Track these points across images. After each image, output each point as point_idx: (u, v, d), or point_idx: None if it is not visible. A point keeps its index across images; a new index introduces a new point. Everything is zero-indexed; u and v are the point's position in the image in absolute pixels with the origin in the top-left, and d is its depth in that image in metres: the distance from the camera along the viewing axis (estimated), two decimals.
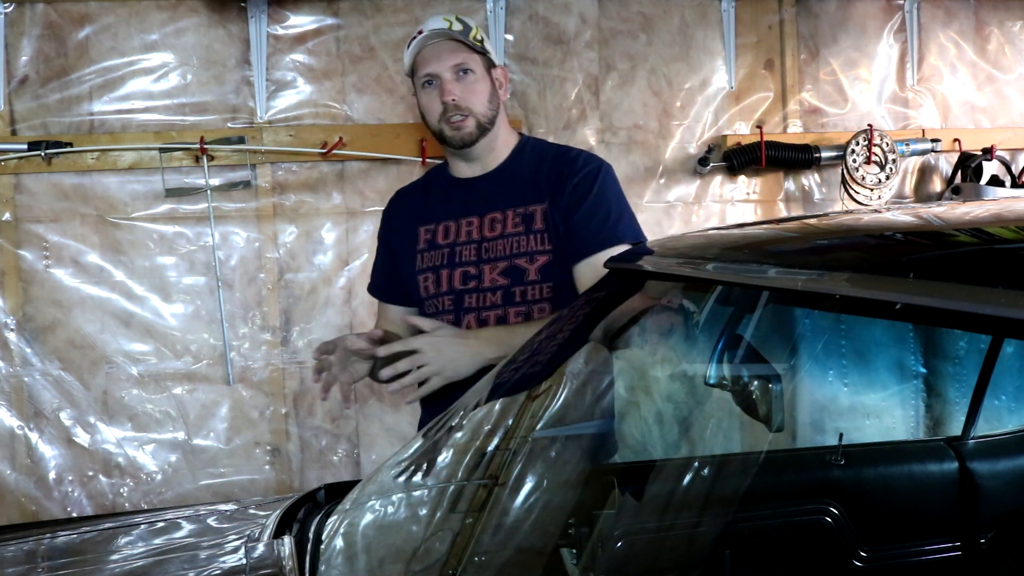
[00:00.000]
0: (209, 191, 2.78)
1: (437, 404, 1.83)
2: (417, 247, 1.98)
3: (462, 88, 1.91)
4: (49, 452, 2.78)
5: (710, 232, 1.64)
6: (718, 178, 3.15)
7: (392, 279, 2.07)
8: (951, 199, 3.16)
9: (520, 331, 1.78)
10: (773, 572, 1.73)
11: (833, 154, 3.12)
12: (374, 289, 2.14)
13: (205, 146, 2.74)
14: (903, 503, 1.89)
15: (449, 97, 1.89)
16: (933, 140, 3.20)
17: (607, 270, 1.65)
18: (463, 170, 2.00)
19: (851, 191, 3.14)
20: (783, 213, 3.19)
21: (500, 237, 1.91)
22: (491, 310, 1.89)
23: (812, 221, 1.51)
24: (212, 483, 2.85)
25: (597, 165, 1.94)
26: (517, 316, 1.88)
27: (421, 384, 1.80)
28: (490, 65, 1.97)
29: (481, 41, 1.95)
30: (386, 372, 1.78)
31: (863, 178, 3.10)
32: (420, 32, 1.94)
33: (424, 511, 1.54)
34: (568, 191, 1.89)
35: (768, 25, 3.15)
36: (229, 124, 2.82)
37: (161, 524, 1.73)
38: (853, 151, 3.09)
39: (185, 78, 2.80)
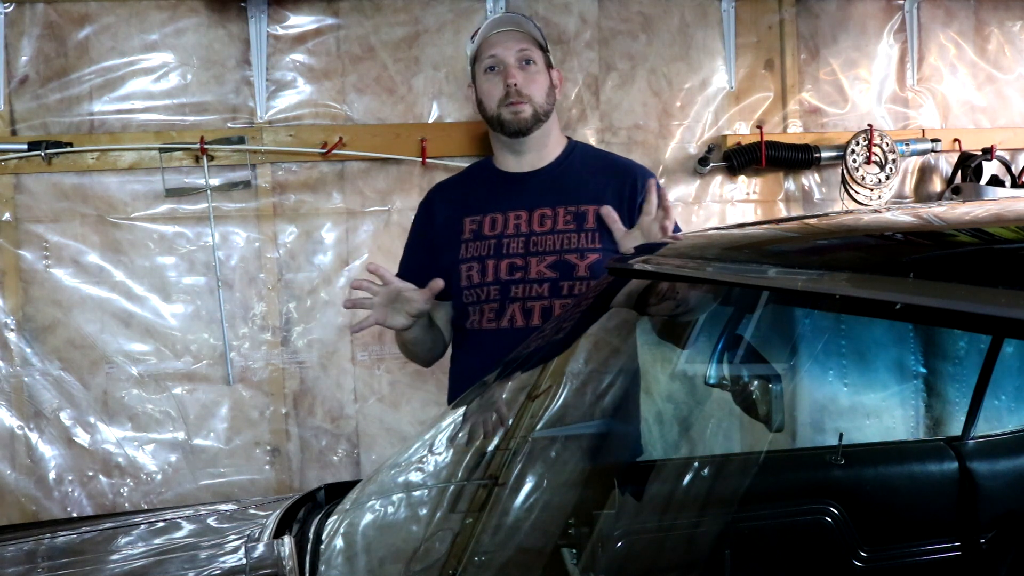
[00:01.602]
0: (209, 191, 2.78)
1: (467, 380, 1.85)
2: (462, 237, 2.01)
3: (524, 76, 1.99)
4: (49, 452, 2.77)
5: (710, 232, 1.65)
6: (718, 178, 3.14)
7: (425, 271, 2.04)
8: (951, 199, 3.16)
9: None
10: (773, 572, 1.73)
11: (833, 154, 3.11)
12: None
13: (205, 146, 2.74)
14: (903, 503, 1.89)
15: (512, 80, 1.97)
16: (933, 140, 3.20)
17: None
18: (511, 164, 2.06)
19: (851, 191, 3.14)
20: (783, 213, 3.19)
21: (550, 232, 1.95)
22: (537, 300, 1.93)
23: (812, 221, 1.51)
24: (212, 483, 2.85)
25: (641, 169, 2.06)
26: (563, 309, 1.91)
27: None
28: (548, 64, 2.06)
29: (545, 40, 2.05)
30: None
31: (863, 178, 3.10)
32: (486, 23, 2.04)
33: (424, 511, 1.54)
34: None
35: (768, 25, 3.15)
36: (229, 124, 2.82)
37: (161, 524, 1.73)
38: (853, 151, 3.09)
39: (185, 78, 2.80)
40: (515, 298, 1.93)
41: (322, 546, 1.45)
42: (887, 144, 3.10)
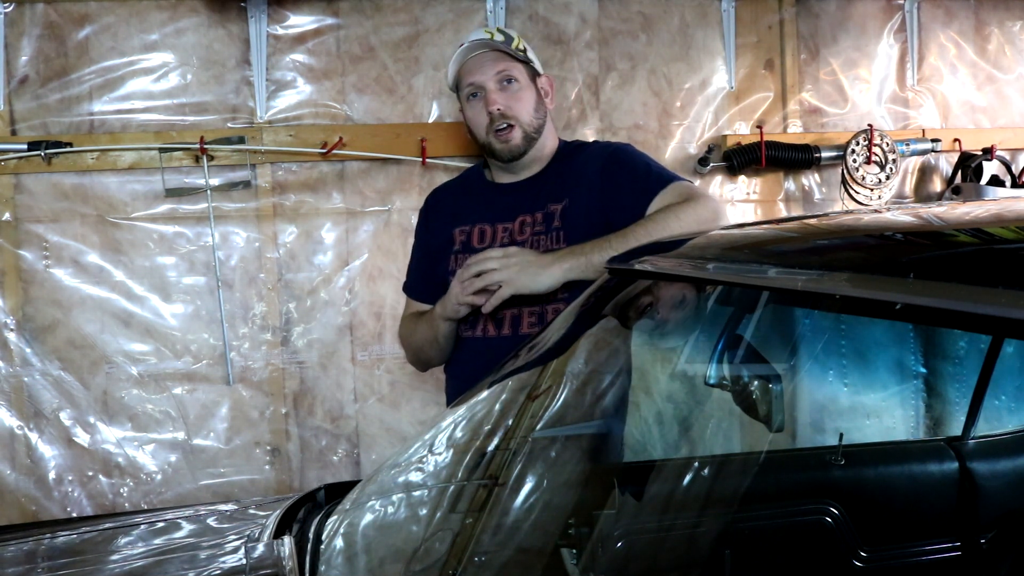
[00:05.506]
0: (209, 191, 2.78)
1: (463, 379, 1.84)
2: (452, 248, 2.00)
3: (506, 97, 1.93)
4: (49, 452, 2.77)
5: (710, 232, 1.64)
6: (718, 178, 3.14)
7: (426, 278, 2.07)
8: (951, 199, 3.16)
9: (597, 254, 1.75)
10: (773, 572, 1.72)
11: (833, 154, 3.11)
12: (409, 289, 2.15)
13: (205, 146, 2.74)
14: (903, 503, 1.89)
15: (494, 107, 1.91)
16: (933, 140, 3.20)
17: (607, 268, 1.65)
18: (503, 177, 2.03)
19: (851, 191, 3.14)
20: (783, 213, 3.19)
21: (530, 238, 1.93)
22: (507, 309, 1.88)
23: (812, 221, 1.51)
24: (212, 483, 2.85)
25: (614, 144, 2.01)
26: (531, 316, 1.89)
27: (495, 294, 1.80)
28: (534, 75, 1.99)
29: (524, 51, 1.96)
30: (461, 294, 1.81)
31: (863, 178, 3.10)
32: (461, 45, 1.96)
33: (424, 511, 1.54)
34: (600, 169, 1.91)
35: (768, 25, 3.14)
36: (229, 124, 2.82)
37: (161, 524, 1.73)
38: (853, 151, 3.09)
39: (185, 78, 2.80)
40: None
41: (322, 546, 1.45)
42: (887, 144, 3.10)
